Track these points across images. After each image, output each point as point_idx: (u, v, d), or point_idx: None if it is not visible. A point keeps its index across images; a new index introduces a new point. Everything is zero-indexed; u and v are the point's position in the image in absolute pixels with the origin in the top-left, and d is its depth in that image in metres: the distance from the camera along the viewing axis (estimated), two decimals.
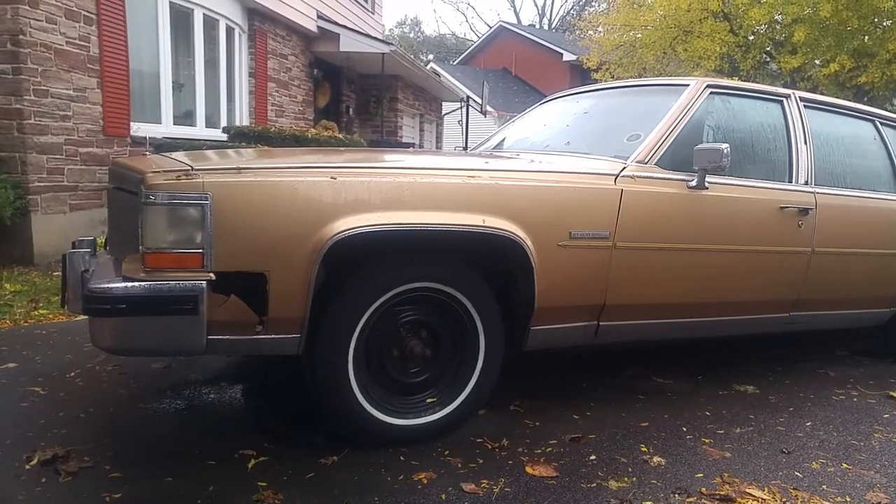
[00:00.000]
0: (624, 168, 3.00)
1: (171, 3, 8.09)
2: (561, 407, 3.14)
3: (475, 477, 2.41)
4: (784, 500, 2.38)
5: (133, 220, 2.34)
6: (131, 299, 2.15)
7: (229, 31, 9.66)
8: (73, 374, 3.34)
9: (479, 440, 2.72)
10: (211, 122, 9.22)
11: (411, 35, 50.64)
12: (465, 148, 10.91)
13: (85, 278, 2.30)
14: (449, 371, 2.74)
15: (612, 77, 17.53)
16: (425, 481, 2.36)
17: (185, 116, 8.71)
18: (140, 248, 2.22)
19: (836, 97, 5.36)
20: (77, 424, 2.74)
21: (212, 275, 2.20)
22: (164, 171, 2.24)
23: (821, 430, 3.06)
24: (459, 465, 2.49)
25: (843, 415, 3.28)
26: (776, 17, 14.97)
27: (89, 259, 2.40)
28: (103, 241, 3.38)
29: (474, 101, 19.46)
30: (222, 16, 9.34)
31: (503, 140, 4.26)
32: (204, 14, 8.87)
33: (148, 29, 7.83)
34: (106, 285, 2.17)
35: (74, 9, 6.49)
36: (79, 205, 6.66)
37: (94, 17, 6.74)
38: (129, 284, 2.17)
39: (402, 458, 2.52)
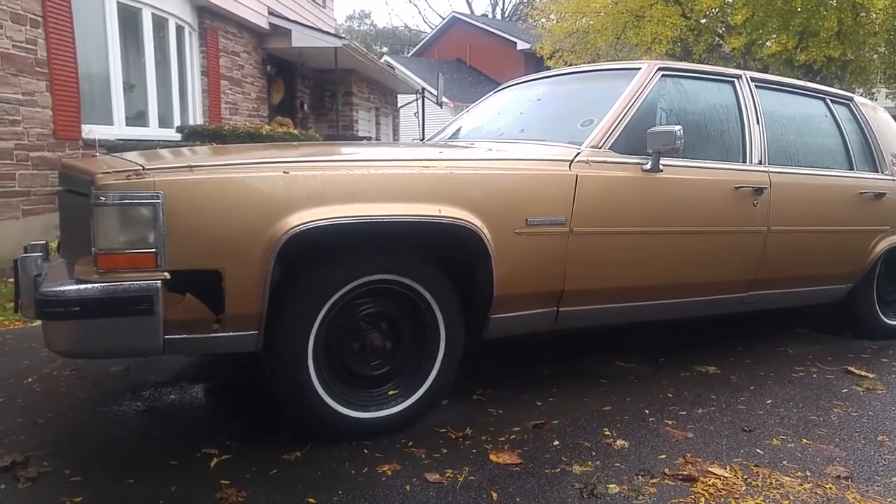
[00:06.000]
0: (578, 153, 3.01)
1: (118, 3, 7.93)
2: (524, 394, 3.14)
3: (439, 467, 2.41)
4: (746, 477, 2.40)
5: (84, 223, 2.29)
6: (85, 302, 2.11)
7: (179, 29, 9.51)
8: (30, 379, 3.27)
9: (442, 430, 2.71)
10: (164, 121, 9.08)
11: (363, 28, 50.43)
12: (422, 139, 10.86)
13: (38, 282, 2.25)
14: (410, 363, 2.73)
15: (566, 64, 17.61)
16: (389, 473, 2.35)
17: (137, 117, 8.57)
18: (92, 249, 2.17)
19: (786, 77, 5.45)
20: (35, 430, 2.68)
21: (166, 274, 2.17)
22: (114, 171, 2.20)
23: (781, 408, 3.10)
24: (423, 456, 2.49)
25: (803, 391, 3.33)
26: (727, 0, 15.19)
27: (42, 263, 2.36)
28: (56, 245, 3.32)
29: (430, 92, 19.45)
30: (171, 14, 9.18)
31: (458, 130, 4.25)
32: (153, 13, 8.71)
33: (96, 30, 7.68)
34: (58, 288, 2.13)
35: (20, 12, 6.36)
36: (32, 210, 6.52)
37: (40, 20, 6.61)
38: (82, 287, 2.13)
39: (365, 451, 2.51)
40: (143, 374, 3.39)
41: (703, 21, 16.25)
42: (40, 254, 2.44)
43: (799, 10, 13.46)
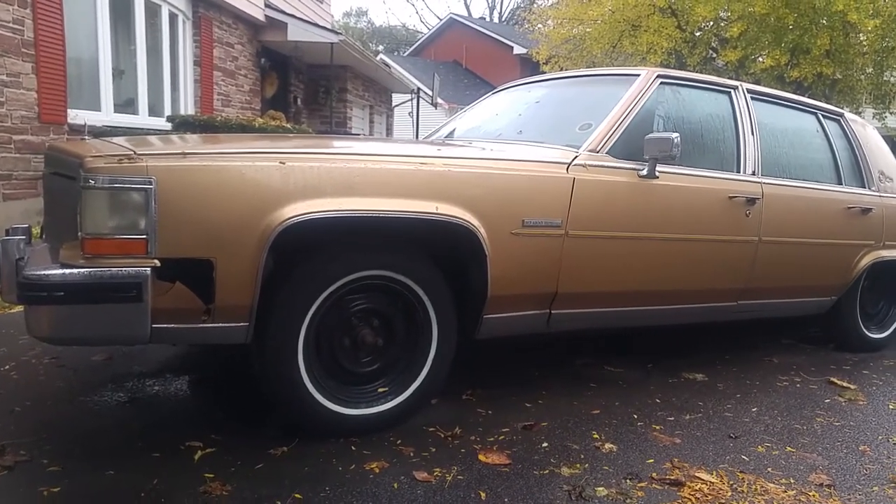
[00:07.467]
0: (576, 157, 3.00)
1: None
2: (513, 395, 3.13)
3: (427, 465, 2.39)
4: (731, 482, 2.41)
5: (71, 207, 2.24)
6: (69, 286, 2.07)
7: (172, 17, 9.42)
8: (7, 367, 3.21)
9: (431, 429, 2.69)
10: (154, 110, 8.99)
11: (360, 26, 50.43)
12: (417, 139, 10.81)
13: (20, 266, 2.19)
14: (401, 360, 2.71)
15: (561, 70, 17.63)
16: (377, 470, 2.33)
17: (126, 104, 8.47)
18: (79, 234, 2.13)
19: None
20: (12, 419, 2.63)
21: (156, 261, 2.13)
22: (105, 155, 2.16)
23: (766, 416, 3.11)
24: (412, 454, 2.47)
25: (787, 400, 3.35)
26: (721, 14, 15.30)
27: (24, 247, 2.29)
28: (39, 230, 3.26)
29: (425, 92, 19.40)
30: (165, 1, 9.10)
31: (454, 129, 4.23)
32: None
33: (86, 13, 7.58)
34: (42, 272, 2.09)
35: None
36: (13, 195, 6.43)
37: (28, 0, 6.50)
38: (68, 271, 2.08)
39: (353, 447, 2.49)
40: (126, 364, 3.34)
41: (698, 34, 16.35)
42: (23, 237, 2.37)
43: (791, 27, 13.59)
